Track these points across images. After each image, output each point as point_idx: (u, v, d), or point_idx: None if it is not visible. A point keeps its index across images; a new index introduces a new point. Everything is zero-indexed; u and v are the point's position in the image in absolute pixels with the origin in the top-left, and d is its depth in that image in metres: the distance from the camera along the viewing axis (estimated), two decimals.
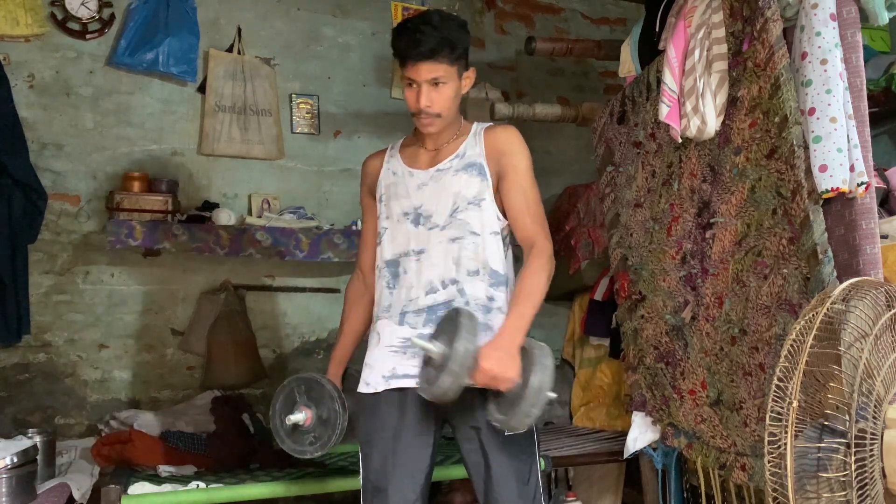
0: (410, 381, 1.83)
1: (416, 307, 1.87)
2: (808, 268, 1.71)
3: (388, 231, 1.94)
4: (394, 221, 1.93)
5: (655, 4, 2.33)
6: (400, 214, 1.92)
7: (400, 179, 1.96)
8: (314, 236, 3.29)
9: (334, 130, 3.72)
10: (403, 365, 1.86)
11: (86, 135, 3.26)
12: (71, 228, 3.19)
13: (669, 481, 2.50)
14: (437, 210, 1.89)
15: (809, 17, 1.71)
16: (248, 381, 3.23)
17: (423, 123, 1.88)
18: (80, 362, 3.16)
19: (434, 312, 1.85)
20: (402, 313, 1.88)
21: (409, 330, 1.86)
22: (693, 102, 1.99)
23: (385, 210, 1.96)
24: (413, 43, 1.79)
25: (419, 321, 1.86)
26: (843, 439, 1.30)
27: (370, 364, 1.92)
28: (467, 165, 1.90)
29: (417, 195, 1.91)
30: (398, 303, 1.89)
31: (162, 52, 3.29)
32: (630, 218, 2.44)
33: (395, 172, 1.98)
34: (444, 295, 1.85)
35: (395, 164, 1.99)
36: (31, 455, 2.18)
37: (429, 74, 1.81)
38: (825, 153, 1.65)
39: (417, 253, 1.89)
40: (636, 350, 2.44)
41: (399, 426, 1.84)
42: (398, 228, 1.92)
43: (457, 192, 1.88)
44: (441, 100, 1.84)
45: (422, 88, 1.83)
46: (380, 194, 1.99)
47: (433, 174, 1.92)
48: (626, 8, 4.21)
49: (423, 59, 1.80)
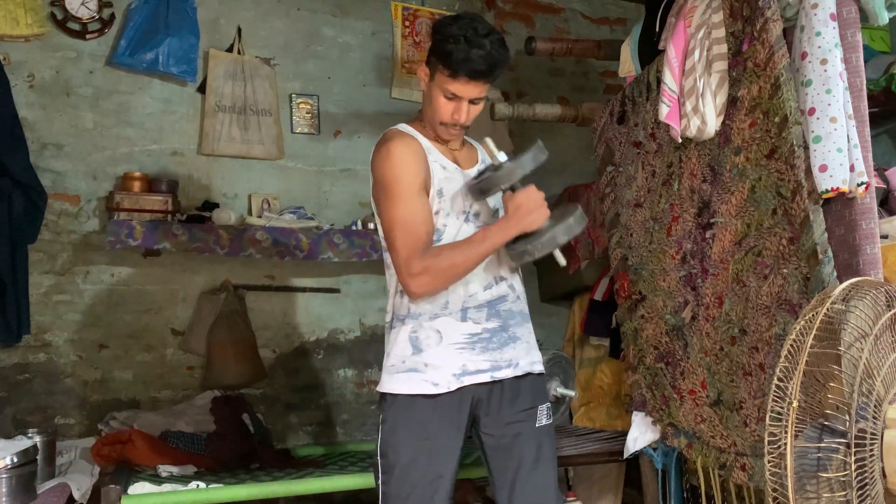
0: (484, 375, 1.87)
1: (477, 302, 1.89)
2: (808, 268, 1.71)
3: (448, 228, 1.89)
4: (454, 218, 1.90)
5: (655, 4, 2.33)
6: (459, 211, 1.91)
7: (452, 175, 1.93)
8: (314, 236, 3.29)
9: (334, 130, 3.72)
10: (474, 361, 1.86)
11: (86, 135, 3.26)
12: (71, 228, 3.19)
13: (669, 481, 2.50)
14: (483, 209, 1.95)
15: (809, 17, 1.71)
16: (248, 381, 3.23)
17: (450, 133, 1.90)
18: (80, 362, 3.16)
19: (493, 307, 1.90)
20: (464, 309, 1.88)
21: (472, 325, 1.88)
22: (693, 102, 1.99)
23: (446, 206, 1.89)
24: (470, 60, 1.75)
25: (481, 316, 1.89)
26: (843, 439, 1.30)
27: (434, 364, 1.85)
28: None
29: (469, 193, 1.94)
30: (457, 299, 1.88)
31: (162, 52, 3.29)
32: (630, 218, 2.44)
33: (445, 167, 1.92)
34: (497, 290, 1.92)
35: (441, 158, 1.93)
36: (31, 455, 2.18)
37: (476, 94, 1.82)
38: (825, 153, 1.65)
39: None
40: (636, 350, 2.44)
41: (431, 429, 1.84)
42: (455, 225, 1.90)
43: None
44: (475, 114, 1.88)
45: (462, 105, 1.83)
46: (437, 188, 1.88)
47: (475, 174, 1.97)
48: (626, 8, 4.21)
49: (477, 79, 1.79)
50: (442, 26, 1.81)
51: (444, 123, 1.86)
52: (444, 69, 1.79)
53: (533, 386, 1.96)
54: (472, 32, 1.76)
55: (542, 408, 1.95)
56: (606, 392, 2.98)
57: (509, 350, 1.91)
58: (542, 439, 1.92)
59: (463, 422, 1.87)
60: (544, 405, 1.97)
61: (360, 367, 3.60)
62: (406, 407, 1.85)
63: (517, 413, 1.91)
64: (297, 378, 3.51)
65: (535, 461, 1.89)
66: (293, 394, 3.48)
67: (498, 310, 1.91)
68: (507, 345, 1.91)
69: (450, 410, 1.85)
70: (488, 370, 1.87)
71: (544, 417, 1.95)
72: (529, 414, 1.92)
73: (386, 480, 1.84)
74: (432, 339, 1.86)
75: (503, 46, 1.81)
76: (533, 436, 1.91)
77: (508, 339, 1.91)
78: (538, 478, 1.89)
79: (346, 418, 3.56)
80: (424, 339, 1.86)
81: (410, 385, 1.84)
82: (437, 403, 1.84)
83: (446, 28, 1.79)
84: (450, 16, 1.87)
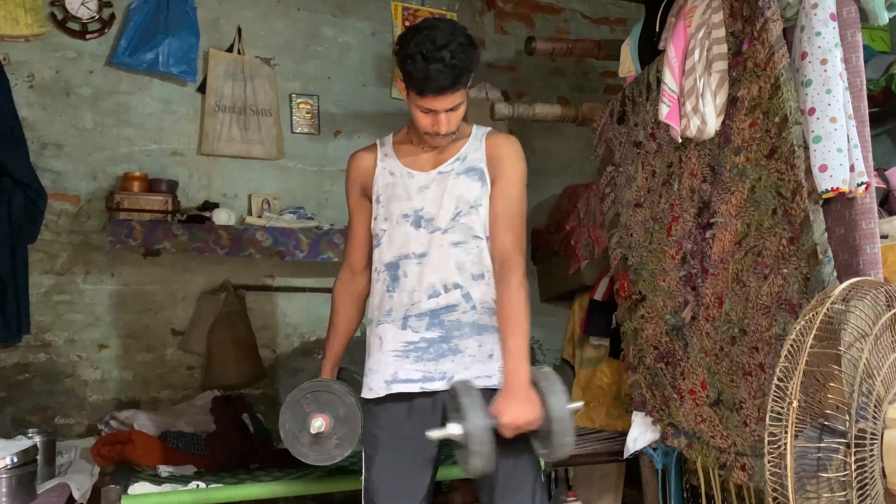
0: (414, 385, 1.84)
1: (419, 311, 1.86)
2: (808, 268, 1.71)
3: (386, 233, 1.91)
4: (392, 223, 1.90)
5: (655, 4, 2.33)
6: (399, 216, 1.89)
7: (399, 180, 1.92)
8: (314, 236, 3.29)
9: (334, 130, 3.72)
10: (406, 369, 1.85)
11: (86, 135, 3.26)
12: (71, 228, 3.19)
13: (669, 481, 2.50)
14: (439, 213, 1.87)
15: (809, 17, 1.71)
16: (248, 381, 3.23)
17: (436, 141, 1.88)
18: (80, 362, 3.16)
19: (437, 316, 1.85)
20: (405, 317, 1.87)
21: (411, 334, 1.86)
22: (693, 102, 1.99)
23: (383, 211, 1.92)
24: (431, 79, 1.72)
25: (421, 325, 1.86)
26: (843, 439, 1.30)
27: (373, 369, 1.91)
28: (468, 169, 1.90)
29: (419, 197, 1.89)
30: (400, 307, 1.88)
31: (162, 52, 3.29)
32: (630, 218, 2.44)
33: (393, 172, 1.93)
34: (446, 299, 1.86)
35: (392, 164, 1.94)
36: (31, 455, 2.18)
37: (449, 104, 1.78)
38: (825, 153, 1.65)
39: (419, 256, 1.87)
40: (636, 350, 2.44)
41: (406, 428, 1.84)
42: (397, 230, 1.89)
43: (459, 196, 1.88)
44: (456, 120, 1.84)
45: (440, 116, 1.80)
46: (376, 195, 1.94)
47: (435, 177, 1.90)
48: (626, 8, 4.21)
49: (444, 93, 1.75)
50: (401, 43, 1.77)
51: (427, 134, 1.85)
52: (411, 88, 1.78)
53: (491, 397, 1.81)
54: (430, 47, 1.70)
55: None
56: (606, 392, 2.98)
57: (445, 362, 1.85)
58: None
59: (436, 423, 1.83)
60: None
61: (360, 368, 3.59)
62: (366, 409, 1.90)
63: None
64: (297, 378, 3.50)
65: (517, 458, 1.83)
66: None
67: (442, 319, 1.85)
68: (445, 356, 1.85)
69: (423, 411, 1.85)
70: (419, 380, 1.84)
71: None
72: None
73: (367, 477, 1.89)
74: (374, 345, 1.92)
75: (466, 49, 1.73)
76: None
77: (447, 351, 1.85)
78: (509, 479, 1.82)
79: None
80: (370, 344, 1.95)
81: (363, 391, 1.92)
82: (381, 407, 1.87)
83: (404, 46, 1.75)
84: (410, 28, 1.80)
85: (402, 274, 1.89)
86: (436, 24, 1.77)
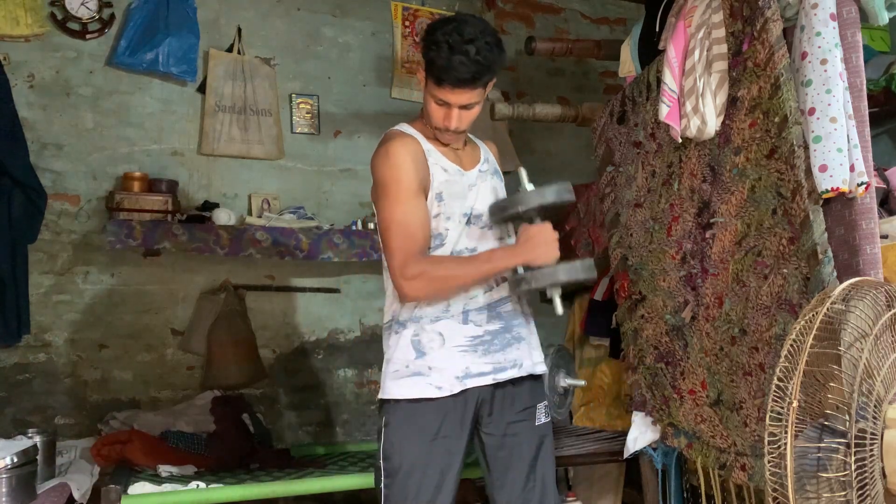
0: (486, 378, 1.85)
1: (477, 305, 1.87)
2: (808, 268, 1.71)
3: (450, 232, 1.87)
4: (454, 222, 1.88)
5: (655, 4, 2.33)
6: (460, 215, 1.88)
7: (453, 178, 1.89)
8: (314, 236, 3.29)
9: (334, 130, 3.72)
10: (477, 363, 1.85)
11: (86, 135, 3.26)
12: (71, 228, 3.19)
13: (669, 481, 2.50)
14: (485, 211, 1.93)
15: (809, 17, 1.71)
16: (248, 381, 3.23)
17: (446, 138, 1.88)
18: (80, 362, 3.16)
19: (494, 309, 1.89)
20: (465, 311, 1.86)
21: (474, 328, 1.86)
22: (693, 102, 1.99)
23: (446, 210, 1.86)
24: (452, 69, 1.70)
25: (482, 318, 1.87)
26: (843, 439, 1.30)
27: (438, 367, 1.83)
28: (495, 171, 2.01)
29: (470, 195, 1.91)
30: (458, 302, 1.86)
31: (162, 52, 3.29)
32: (630, 218, 2.44)
33: (447, 169, 1.89)
34: (498, 292, 1.91)
35: (441, 160, 1.89)
36: (31, 455, 2.18)
37: (465, 100, 1.78)
38: (825, 153, 1.65)
39: (471, 251, 1.89)
40: (636, 350, 2.44)
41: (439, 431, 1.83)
42: (456, 228, 1.88)
43: (496, 195, 1.96)
44: (470, 119, 1.84)
45: (453, 111, 1.79)
46: (436, 191, 1.85)
47: (478, 175, 1.95)
48: (626, 8, 4.21)
49: (462, 87, 1.74)
50: (429, 30, 1.76)
51: (437, 128, 1.85)
52: (430, 76, 1.77)
53: (532, 385, 1.96)
54: (457, 38, 1.70)
55: (540, 406, 1.96)
56: (606, 392, 2.99)
57: (513, 351, 1.90)
58: (541, 437, 1.94)
59: (468, 423, 1.86)
60: (542, 403, 1.97)
61: (360, 368, 3.60)
62: (412, 410, 1.83)
63: (518, 412, 1.91)
64: (297, 378, 3.51)
65: (535, 459, 1.91)
66: (293, 394, 3.48)
67: (499, 311, 1.90)
68: (511, 346, 1.90)
69: (456, 412, 1.84)
70: (490, 372, 1.86)
71: (543, 415, 1.96)
72: (529, 413, 1.93)
73: (389, 484, 1.82)
74: (435, 342, 1.84)
75: (493, 49, 1.73)
76: (533, 434, 1.92)
77: (512, 340, 1.90)
78: (537, 476, 1.90)
79: (345, 418, 3.56)
80: (427, 342, 1.84)
81: (415, 389, 1.83)
82: (444, 406, 1.83)
83: (432, 33, 1.74)
84: (441, 18, 1.80)
85: None
86: (468, 19, 1.77)
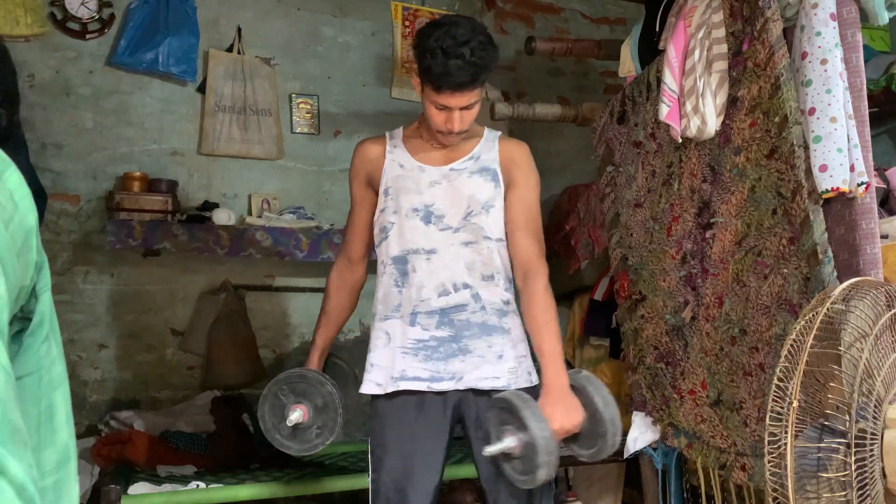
0: (421, 384, 1.83)
1: (429, 308, 1.85)
2: (808, 268, 1.71)
3: (395, 226, 1.88)
4: (402, 217, 1.87)
5: (655, 4, 2.33)
6: (409, 210, 1.87)
7: (409, 173, 1.90)
8: (314, 236, 3.29)
9: (334, 130, 3.72)
10: (414, 367, 1.84)
11: (86, 135, 3.26)
12: (71, 228, 3.19)
13: (669, 481, 2.50)
14: (450, 211, 1.87)
15: (809, 17, 1.71)
16: (248, 381, 3.23)
17: (448, 140, 1.86)
18: (80, 362, 3.16)
19: (446, 315, 1.84)
20: (413, 313, 1.85)
21: (420, 331, 1.85)
22: (693, 102, 1.99)
23: (392, 204, 1.89)
24: (450, 75, 1.70)
25: (431, 323, 1.85)
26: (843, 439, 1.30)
27: (378, 364, 1.88)
28: (482, 169, 1.90)
29: (429, 192, 1.87)
30: (408, 302, 1.86)
31: (162, 52, 3.29)
32: (630, 218, 2.44)
33: (403, 165, 1.90)
34: (455, 298, 1.85)
35: (402, 157, 1.92)
36: None
37: (465, 102, 1.77)
38: (825, 153, 1.65)
39: (427, 252, 1.86)
40: (636, 350, 2.44)
41: (416, 428, 1.83)
42: (406, 224, 1.87)
43: (471, 195, 1.87)
44: (469, 119, 1.83)
45: (454, 114, 1.79)
46: (385, 186, 1.90)
47: (447, 173, 1.89)
48: (626, 8, 4.21)
49: (461, 90, 1.74)
50: (420, 38, 1.75)
51: (440, 132, 1.84)
52: (428, 83, 1.76)
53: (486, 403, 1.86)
54: (451, 42, 1.69)
55: None
56: None
57: (455, 362, 1.84)
58: None
59: (446, 422, 1.85)
60: None
61: (360, 368, 3.59)
62: (387, 406, 1.86)
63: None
64: None
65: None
66: None
67: (451, 318, 1.84)
68: (454, 356, 1.84)
69: (434, 410, 1.84)
70: (426, 379, 1.83)
71: None
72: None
73: (375, 479, 1.86)
74: (381, 340, 1.89)
75: (486, 48, 1.72)
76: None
77: (457, 351, 1.84)
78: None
79: (345, 418, 3.55)
80: (375, 339, 1.91)
81: (365, 386, 1.89)
82: (389, 404, 1.85)
83: (424, 40, 1.73)
84: (430, 23, 1.78)
85: (410, 269, 1.87)
86: (456, 20, 1.76)
